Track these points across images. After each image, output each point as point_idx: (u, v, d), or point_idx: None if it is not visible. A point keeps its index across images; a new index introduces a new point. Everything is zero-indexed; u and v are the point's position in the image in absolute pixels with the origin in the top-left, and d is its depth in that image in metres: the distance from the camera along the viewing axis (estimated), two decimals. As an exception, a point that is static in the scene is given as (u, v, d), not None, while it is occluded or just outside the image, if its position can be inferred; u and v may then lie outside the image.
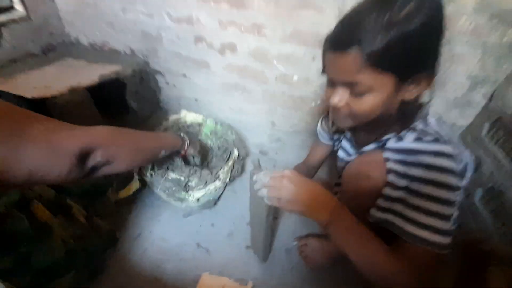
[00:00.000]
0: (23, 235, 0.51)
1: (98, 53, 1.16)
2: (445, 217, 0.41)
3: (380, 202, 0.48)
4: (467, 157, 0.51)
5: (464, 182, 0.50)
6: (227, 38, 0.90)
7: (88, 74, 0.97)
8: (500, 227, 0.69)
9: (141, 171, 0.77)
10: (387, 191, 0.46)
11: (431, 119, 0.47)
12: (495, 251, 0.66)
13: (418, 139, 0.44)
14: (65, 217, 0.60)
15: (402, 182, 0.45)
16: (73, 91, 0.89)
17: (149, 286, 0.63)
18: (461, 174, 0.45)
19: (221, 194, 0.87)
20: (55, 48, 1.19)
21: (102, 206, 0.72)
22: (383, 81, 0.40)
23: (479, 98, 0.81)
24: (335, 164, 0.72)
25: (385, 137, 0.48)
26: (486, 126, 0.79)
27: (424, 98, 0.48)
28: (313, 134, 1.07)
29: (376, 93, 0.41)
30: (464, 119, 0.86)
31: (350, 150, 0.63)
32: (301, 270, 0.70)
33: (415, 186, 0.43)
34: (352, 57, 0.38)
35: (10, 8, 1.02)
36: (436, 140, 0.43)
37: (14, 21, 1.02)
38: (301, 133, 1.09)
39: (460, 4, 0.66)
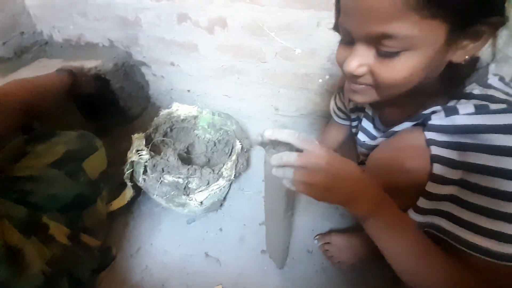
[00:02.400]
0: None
1: (74, 49, 1.03)
2: None
3: (422, 202, 0.34)
4: None
5: None
6: (215, 12, 0.76)
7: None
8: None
9: (132, 177, 0.67)
10: (432, 187, 0.33)
11: (493, 79, 0.33)
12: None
13: (480, 109, 0.30)
14: (40, 238, 0.49)
15: (455, 174, 0.31)
16: (49, 94, 0.78)
17: (154, 310, 0.53)
18: None
19: (227, 193, 0.76)
20: (28, 49, 1.07)
21: (92, 220, 0.61)
22: (431, 31, 0.27)
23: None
24: (353, 150, 0.60)
25: (427, 111, 0.34)
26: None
27: (485, 57, 0.34)
28: (322, 116, 0.95)
29: (416, 52, 0.28)
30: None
31: (374, 131, 0.48)
32: (328, 273, 0.60)
33: (475, 178, 0.30)
34: None
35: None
36: (509, 108, 0.29)
37: (-23, 22, 0.89)
38: (308, 116, 0.96)
39: None
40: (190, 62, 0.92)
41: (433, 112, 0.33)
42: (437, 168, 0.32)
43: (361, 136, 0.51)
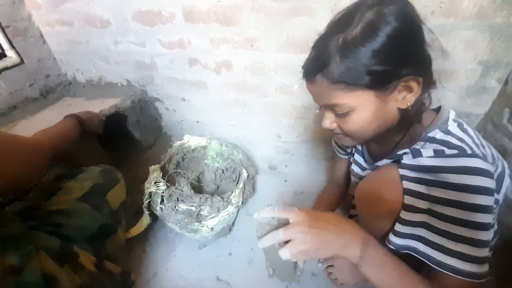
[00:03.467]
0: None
1: (95, 88, 1.14)
2: (479, 243, 0.35)
3: (398, 227, 0.42)
4: (501, 163, 0.44)
5: (500, 195, 0.43)
6: (221, 56, 0.87)
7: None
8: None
9: (150, 205, 0.73)
10: (405, 215, 0.41)
11: (452, 126, 0.41)
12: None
13: (438, 152, 0.38)
14: (71, 267, 0.55)
15: (423, 204, 0.39)
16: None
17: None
18: (496, 187, 0.38)
19: (235, 219, 0.82)
20: (54, 89, 1.19)
21: (113, 247, 0.67)
22: (361, 97, 0.38)
23: (494, 83, 0.75)
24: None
25: (400, 151, 0.42)
26: (507, 111, 0.73)
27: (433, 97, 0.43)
28: (321, 142, 1.02)
29: (360, 110, 0.39)
30: (481, 107, 0.80)
31: (364, 163, 0.57)
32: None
33: (439, 209, 0.37)
34: (319, 84, 0.39)
35: (2, 55, 1.01)
36: (461, 152, 0.37)
37: (7, 68, 1.01)
38: (308, 141, 1.04)
39: (462, -12, 0.61)
40: (199, 97, 1.02)
41: (404, 153, 0.42)
42: (408, 199, 0.40)
43: (354, 167, 0.59)
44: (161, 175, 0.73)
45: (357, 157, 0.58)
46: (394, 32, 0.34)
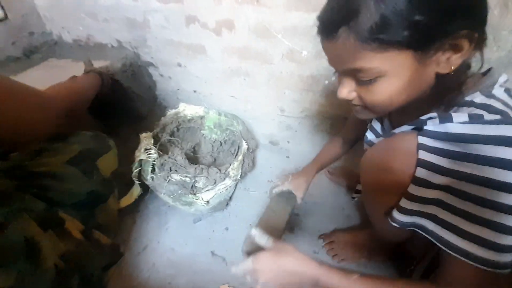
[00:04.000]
0: (17, 251, 0.43)
1: (83, 49, 1.05)
2: (502, 228, 0.29)
3: (404, 203, 0.37)
4: None
5: None
6: (222, 14, 0.78)
7: (73, 73, 0.86)
8: None
9: (140, 175, 0.67)
10: (415, 190, 0.35)
11: (498, 90, 0.33)
12: None
13: (475, 117, 0.31)
14: (56, 232, 0.50)
15: (441, 180, 0.33)
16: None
17: (161, 306, 0.54)
18: None
19: (233, 193, 0.77)
20: (38, 49, 1.09)
21: (104, 218, 0.62)
22: (395, 59, 0.30)
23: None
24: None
25: (425, 116, 0.35)
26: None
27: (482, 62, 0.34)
28: (327, 118, 0.95)
29: (390, 77, 0.32)
30: None
31: (381, 131, 0.50)
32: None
33: (462, 186, 0.31)
34: (342, 42, 0.31)
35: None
36: (505, 119, 0.30)
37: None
38: (313, 117, 0.97)
39: None
40: (197, 63, 0.93)
41: (430, 118, 0.35)
42: (421, 172, 0.34)
43: (369, 134, 0.53)
44: (152, 142, 0.66)
45: (375, 123, 0.51)
46: None
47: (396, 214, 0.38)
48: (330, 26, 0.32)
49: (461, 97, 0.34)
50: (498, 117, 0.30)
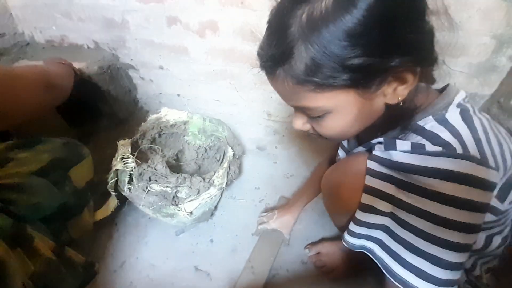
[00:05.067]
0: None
1: (56, 50, 0.99)
2: (446, 264, 0.29)
3: (352, 227, 0.37)
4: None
5: (505, 203, 0.35)
6: (205, 15, 0.76)
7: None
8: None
9: (117, 186, 0.63)
10: (361, 215, 0.35)
11: (453, 113, 0.32)
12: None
13: (416, 147, 0.31)
14: (25, 251, 0.46)
15: (385, 207, 0.33)
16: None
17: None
18: (501, 195, 0.32)
19: (218, 202, 0.74)
20: (8, 51, 1.02)
21: (78, 231, 0.58)
22: (338, 98, 0.30)
23: (505, 61, 0.70)
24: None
25: (374, 141, 0.36)
26: (517, 92, 0.68)
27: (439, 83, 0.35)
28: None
29: (337, 113, 0.32)
30: (488, 87, 0.75)
31: (347, 146, 0.52)
32: (323, 286, 0.58)
33: (404, 216, 0.31)
34: (282, 82, 0.30)
35: None
36: (447, 151, 0.29)
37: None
38: (302, 121, 0.96)
39: None
40: (180, 65, 0.90)
41: (378, 143, 0.36)
42: (367, 199, 0.35)
43: (340, 152, 0.53)
44: (130, 150, 0.62)
45: (344, 141, 0.52)
46: (377, 2, 0.23)
47: (346, 236, 0.39)
48: (267, 65, 0.31)
49: (413, 122, 0.34)
50: (439, 149, 0.29)
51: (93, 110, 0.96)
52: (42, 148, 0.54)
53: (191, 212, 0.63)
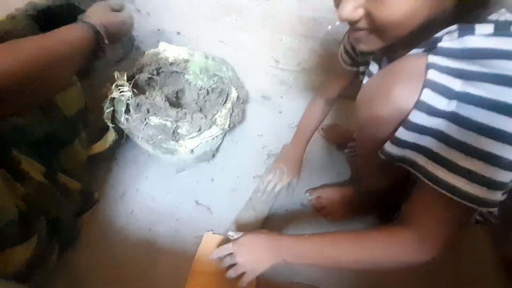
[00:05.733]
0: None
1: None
2: (502, 163, 0.26)
3: (401, 132, 0.31)
4: None
5: None
6: None
7: (29, -3, 0.70)
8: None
9: (114, 119, 0.59)
10: (416, 117, 0.29)
11: None
12: None
13: (500, 29, 0.26)
14: (11, 173, 0.43)
15: (447, 105, 0.28)
16: (12, 17, 0.66)
17: (140, 251, 0.51)
18: None
19: (220, 145, 0.71)
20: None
21: (70, 162, 0.55)
22: None
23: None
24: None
25: (441, 32, 0.29)
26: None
27: None
28: (325, 73, 0.88)
29: None
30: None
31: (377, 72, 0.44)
32: (321, 225, 0.59)
33: (469, 111, 0.26)
34: None
35: None
36: None
37: None
38: (311, 71, 0.89)
39: None
40: (181, -4, 0.79)
41: (448, 33, 0.28)
42: (428, 96, 0.28)
43: (366, 80, 0.46)
44: (126, 79, 0.57)
45: (373, 66, 0.44)
46: None
47: (388, 146, 0.34)
48: None
49: (487, 14, 0.27)
50: None
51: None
52: None
53: (192, 150, 0.60)
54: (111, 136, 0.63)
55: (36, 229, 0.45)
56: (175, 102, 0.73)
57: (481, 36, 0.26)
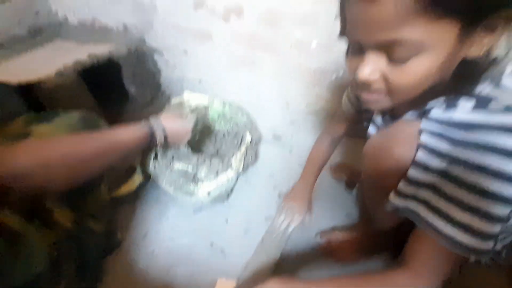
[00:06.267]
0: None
1: (88, 32, 1.01)
2: (491, 217, 0.29)
3: (402, 186, 0.36)
4: None
5: None
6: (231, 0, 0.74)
7: (78, 55, 0.84)
8: None
9: (143, 162, 0.66)
10: (413, 172, 0.34)
11: (509, 79, 0.30)
12: None
13: (481, 104, 0.30)
14: (44, 223, 0.47)
15: (439, 163, 0.32)
16: (60, 74, 0.78)
17: (159, 294, 0.54)
18: None
19: (234, 185, 0.76)
20: (43, 30, 1.06)
21: (95, 206, 0.58)
22: (441, 32, 0.26)
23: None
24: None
25: (430, 105, 0.34)
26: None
27: (499, 51, 0.31)
28: (332, 114, 0.93)
29: (428, 54, 0.27)
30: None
31: (383, 124, 0.47)
32: (331, 269, 0.59)
33: (458, 171, 0.30)
34: (388, 3, 0.25)
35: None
36: (510, 107, 0.28)
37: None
38: (318, 113, 0.94)
39: None
40: (204, 50, 0.90)
41: (436, 105, 0.33)
42: (421, 156, 0.34)
43: (371, 130, 0.49)
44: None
45: (377, 117, 0.48)
46: None
47: (392, 198, 0.37)
48: None
49: (475, 87, 0.31)
50: (503, 106, 0.28)
51: (119, 92, 1.00)
52: (60, 122, 0.52)
53: (209, 192, 0.65)
54: (138, 178, 0.69)
55: (65, 274, 0.47)
56: (195, 145, 0.80)
57: (464, 110, 0.30)
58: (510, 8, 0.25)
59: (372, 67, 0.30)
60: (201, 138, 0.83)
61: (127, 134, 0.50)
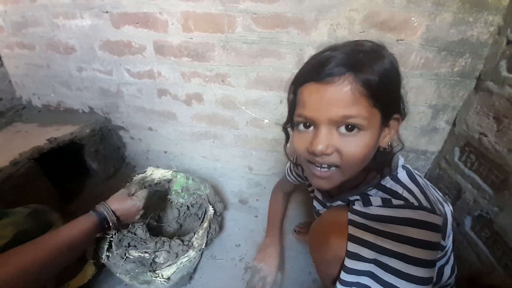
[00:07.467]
0: None
1: (52, 114, 1.04)
2: (422, 282, 0.34)
3: (343, 275, 0.39)
4: (444, 207, 0.42)
5: (448, 240, 0.43)
6: (192, 89, 0.86)
7: (36, 141, 0.84)
8: (500, 257, 0.63)
9: (95, 254, 0.62)
10: (349, 263, 0.38)
11: (402, 174, 0.41)
12: (500, 286, 0.59)
13: (386, 202, 0.38)
14: None
15: (368, 253, 0.37)
16: (15, 162, 0.76)
17: None
18: (441, 234, 0.37)
19: (197, 264, 0.73)
20: (3, 114, 1.07)
21: None
22: (374, 116, 0.34)
23: (444, 125, 0.82)
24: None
25: (352, 197, 0.42)
26: (457, 150, 0.78)
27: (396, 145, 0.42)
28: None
29: (367, 132, 0.34)
30: (434, 145, 0.86)
31: (322, 200, 0.54)
32: None
33: (385, 260, 0.36)
34: (343, 86, 0.32)
35: None
36: (407, 203, 0.36)
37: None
38: (279, 174, 1.02)
39: (408, 42, 0.68)
40: (168, 127, 0.97)
41: (356, 200, 0.41)
42: (352, 247, 0.38)
43: (316, 204, 0.56)
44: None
45: (317, 193, 0.56)
46: (390, 65, 0.34)
47: (338, 286, 0.40)
48: (335, 70, 0.33)
49: (388, 171, 0.40)
50: (401, 202, 0.36)
51: (80, 169, 0.99)
52: (6, 222, 0.52)
53: (168, 278, 0.61)
54: (90, 270, 0.63)
55: None
56: (156, 226, 0.78)
57: (376, 207, 0.38)
58: (398, 113, 0.37)
59: (327, 141, 0.34)
60: (163, 213, 0.82)
61: (77, 227, 0.52)
